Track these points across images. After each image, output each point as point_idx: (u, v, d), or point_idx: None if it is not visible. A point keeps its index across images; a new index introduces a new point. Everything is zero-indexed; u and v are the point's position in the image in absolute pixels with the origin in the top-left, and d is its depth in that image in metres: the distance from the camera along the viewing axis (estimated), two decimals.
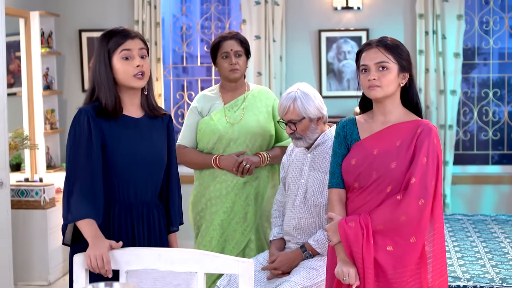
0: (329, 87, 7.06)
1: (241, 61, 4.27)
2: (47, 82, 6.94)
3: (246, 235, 4.29)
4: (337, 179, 3.15)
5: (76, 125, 3.06)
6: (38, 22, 6.66)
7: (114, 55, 3.10)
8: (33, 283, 6.19)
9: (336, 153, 3.17)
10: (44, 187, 6.15)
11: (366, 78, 3.05)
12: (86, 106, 3.10)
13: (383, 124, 3.11)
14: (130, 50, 3.10)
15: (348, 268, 3.00)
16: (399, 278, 2.98)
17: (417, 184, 2.95)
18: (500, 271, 4.26)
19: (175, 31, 7.54)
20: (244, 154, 4.24)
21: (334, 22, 7.05)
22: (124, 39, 3.10)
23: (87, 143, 3.03)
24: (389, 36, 3.13)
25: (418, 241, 2.99)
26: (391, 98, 3.08)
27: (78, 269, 2.76)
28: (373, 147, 3.07)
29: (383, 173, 3.01)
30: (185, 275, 2.70)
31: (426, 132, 3.02)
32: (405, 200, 2.94)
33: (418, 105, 3.15)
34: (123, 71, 3.10)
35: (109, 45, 3.10)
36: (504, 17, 7.13)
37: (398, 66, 3.06)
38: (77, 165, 3.02)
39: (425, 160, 2.97)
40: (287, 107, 3.86)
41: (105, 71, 3.10)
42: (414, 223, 2.96)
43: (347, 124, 3.18)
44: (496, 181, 7.07)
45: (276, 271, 3.86)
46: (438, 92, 6.81)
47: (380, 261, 2.97)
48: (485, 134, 7.24)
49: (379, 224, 2.97)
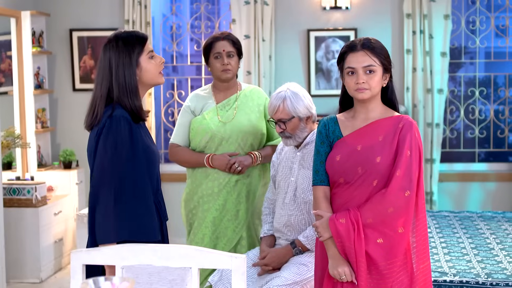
0: (318, 86, 7.11)
1: (233, 62, 4.32)
2: (38, 81, 6.98)
3: (238, 232, 4.33)
4: (321, 177, 3.20)
5: (116, 133, 3.07)
6: (29, 22, 6.68)
7: (141, 56, 3.17)
8: (25, 280, 6.22)
9: (319, 151, 3.23)
10: (36, 186, 6.18)
11: (353, 81, 3.11)
12: (118, 112, 3.11)
13: (364, 121, 3.18)
14: (153, 50, 3.22)
15: (342, 268, 3.07)
16: (390, 269, 3.05)
17: (402, 176, 3.03)
18: (485, 266, 4.35)
19: (165, 31, 7.58)
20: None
21: (323, 22, 7.11)
22: (144, 40, 3.19)
23: (132, 150, 3.09)
24: (371, 37, 3.18)
25: (406, 231, 3.07)
26: (375, 97, 3.17)
27: (76, 265, 2.81)
28: (357, 143, 3.14)
29: (369, 167, 3.08)
30: (179, 270, 2.74)
31: (408, 126, 3.10)
32: (392, 192, 3.02)
33: (395, 102, 3.24)
34: (152, 69, 3.20)
35: (136, 48, 3.16)
36: (490, 16, 7.19)
37: (382, 68, 3.14)
38: (126, 173, 3.06)
39: (408, 153, 3.06)
40: (277, 107, 3.92)
41: (131, 74, 3.14)
42: (402, 214, 3.04)
43: (329, 123, 3.25)
44: (483, 179, 7.13)
45: (267, 267, 3.92)
46: (425, 91, 6.87)
47: (372, 254, 3.04)
48: (471, 132, 7.30)
49: (369, 217, 3.04)
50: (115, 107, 3.13)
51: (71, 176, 6.89)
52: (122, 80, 3.13)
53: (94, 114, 3.16)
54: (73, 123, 7.32)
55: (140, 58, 3.17)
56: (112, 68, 3.14)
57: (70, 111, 7.36)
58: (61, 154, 6.98)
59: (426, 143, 6.89)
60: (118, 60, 3.14)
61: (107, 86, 3.15)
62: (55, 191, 6.79)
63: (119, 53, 3.14)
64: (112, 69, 3.14)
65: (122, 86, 3.13)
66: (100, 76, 3.18)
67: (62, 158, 6.98)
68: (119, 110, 3.12)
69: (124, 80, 3.13)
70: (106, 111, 3.13)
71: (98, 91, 3.17)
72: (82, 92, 7.32)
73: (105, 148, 3.07)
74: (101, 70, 3.18)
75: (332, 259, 3.11)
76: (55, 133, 7.37)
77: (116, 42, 3.16)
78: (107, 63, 3.16)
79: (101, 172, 3.07)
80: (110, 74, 3.15)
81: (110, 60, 3.15)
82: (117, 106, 3.13)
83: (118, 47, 3.15)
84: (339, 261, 3.08)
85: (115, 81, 3.14)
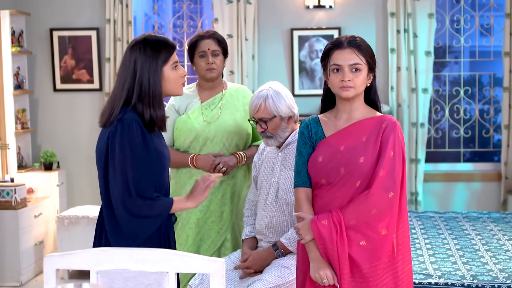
0: (302, 85, 7.07)
1: (218, 61, 4.26)
2: (18, 82, 6.88)
3: (222, 234, 4.28)
4: (303, 178, 3.16)
5: (130, 136, 3.03)
6: (9, 21, 6.58)
7: (166, 65, 3.12)
8: (5, 284, 6.13)
9: (301, 152, 3.18)
10: (15, 187, 6.09)
11: (338, 78, 3.07)
12: (129, 115, 3.06)
13: (347, 121, 3.14)
14: (177, 60, 3.18)
15: (324, 271, 3.02)
16: (374, 271, 3.01)
17: (385, 177, 2.99)
18: (471, 268, 4.30)
19: (147, 30, 7.50)
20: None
21: (306, 21, 7.06)
22: (172, 49, 3.15)
23: (145, 153, 3.06)
24: (356, 35, 3.16)
25: (389, 233, 3.03)
26: (358, 97, 3.13)
27: (49, 270, 2.73)
28: (339, 144, 3.10)
29: (352, 168, 3.04)
30: (156, 275, 2.69)
31: (391, 126, 3.07)
32: (375, 193, 2.98)
33: (378, 103, 3.21)
34: (173, 80, 3.15)
35: (161, 55, 3.11)
36: (475, 15, 7.18)
37: (368, 67, 3.10)
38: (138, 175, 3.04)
39: (392, 153, 3.02)
40: (258, 106, 3.86)
41: (157, 82, 3.09)
42: (385, 216, 3.01)
43: (311, 123, 3.20)
44: (468, 179, 7.12)
45: (249, 270, 3.86)
46: (410, 90, 6.85)
47: (355, 256, 3.00)
48: (456, 132, 7.28)
49: (351, 219, 3.00)
50: (128, 111, 3.08)
51: (52, 178, 6.81)
52: (146, 86, 3.09)
53: (111, 113, 3.10)
54: (54, 124, 7.26)
55: (165, 66, 3.13)
56: (136, 71, 3.09)
57: (51, 112, 7.28)
58: (42, 156, 6.90)
59: (410, 143, 6.88)
60: (143, 65, 3.10)
61: (128, 88, 3.10)
62: (36, 193, 6.70)
63: (146, 58, 3.10)
64: (136, 72, 3.09)
65: (145, 92, 3.09)
66: (123, 77, 3.12)
67: (42, 160, 6.89)
68: (131, 113, 3.07)
69: (148, 86, 3.09)
70: (119, 113, 3.08)
71: (119, 91, 3.12)
72: (63, 92, 7.25)
73: (122, 151, 3.03)
74: (125, 70, 3.12)
75: (314, 262, 3.05)
76: (35, 134, 7.28)
77: (144, 46, 3.11)
78: (131, 65, 3.11)
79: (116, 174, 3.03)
80: (133, 77, 3.09)
81: (135, 63, 3.10)
82: (130, 110, 3.08)
83: (146, 51, 3.11)
84: (321, 264, 3.03)
85: (137, 85, 3.09)
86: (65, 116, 7.27)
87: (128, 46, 3.17)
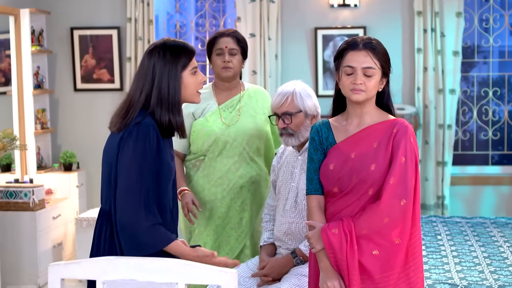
0: (326, 86, 6.94)
1: (235, 60, 4.15)
2: (38, 81, 6.81)
3: (241, 241, 4.18)
4: (315, 185, 3.07)
5: (145, 140, 2.96)
6: (29, 20, 6.53)
7: (185, 70, 3.07)
8: (22, 286, 6.06)
9: (313, 158, 3.09)
10: (33, 189, 6.02)
11: (350, 80, 2.97)
12: (148, 120, 3.00)
13: (358, 126, 3.05)
14: (197, 66, 3.13)
15: (332, 282, 2.92)
16: (387, 281, 2.91)
17: (396, 184, 2.89)
18: (499, 278, 4.13)
19: (169, 29, 7.41)
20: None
21: (331, 20, 6.93)
22: (191, 54, 3.09)
23: (158, 160, 2.99)
24: (373, 38, 3.05)
25: (403, 242, 2.93)
26: (370, 101, 3.03)
27: (54, 280, 2.63)
28: (351, 151, 3.00)
29: (364, 176, 2.94)
30: (165, 286, 2.58)
31: (402, 131, 2.96)
32: (385, 202, 2.88)
33: (391, 108, 3.11)
34: (192, 86, 3.10)
35: (181, 61, 3.05)
36: (504, 14, 7.03)
37: (382, 72, 3.00)
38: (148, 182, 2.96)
39: (403, 159, 2.92)
40: (284, 99, 3.79)
41: (176, 87, 3.04)
42: (398, 224, 2.91)
43: (322, 128, 3.11)
44: (496, 182, 6.98)
45: (266, 277, 3.74)
46: (437, 91, 6.71)
47: (366, 265, 2.90)
48: (484, 134, 7.14)
49: (363, 228, 2.90)
50: (147, 116, 3.01)
51: (71, 179, 6.73)
52: (165, 91, 3.02)
53: (126, 118, 3.03)
54: (74, 124, 7.20)
55: (184, 72, 3.07)
56: (155, 76, 3.03)
57: (72, 112, 7.21)
58: (62, 156, 6.83)
59: (437, 145, 6.77)
60: (162, 70, 3.03)
61: (146, 93, 3.03)
62: (55, 194, 6.63)
63: (165, 63, 3.04)
64: (155, 77, 3.03)
65: (164, 98, 3.02)
66: (141, 81, 3.05)
67: (62, 160, 6.82)
68: (148, 119, 3.00)
69: (168, 92, 3.03)
70: (136, 118, 3.01)
71: (136, 96, 3.05)
72: (84, 92, 7.18)
73: (135, 155, 2.95)
74: (143, 75, 3.06)
75: (323, 272, 2.96)
76: (55, 134, 7.21)
77: (163, 51, 3.05)
78: (150, 70, 3.04)
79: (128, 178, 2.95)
80: (151, 82, 3.03)
81: (154, 67, 3.04)
82: (148, 116, 3.01)
83: (165, 56, 3.05)
84: (330, 274, 2.94)
85: (156, 90, 3.02)
86: (86, 116, 7.20)
87: (146, 50, 3.10)
